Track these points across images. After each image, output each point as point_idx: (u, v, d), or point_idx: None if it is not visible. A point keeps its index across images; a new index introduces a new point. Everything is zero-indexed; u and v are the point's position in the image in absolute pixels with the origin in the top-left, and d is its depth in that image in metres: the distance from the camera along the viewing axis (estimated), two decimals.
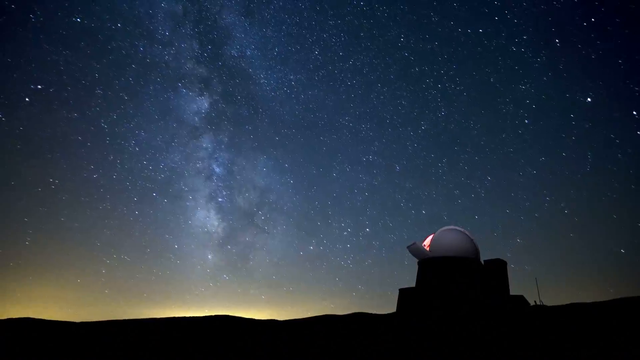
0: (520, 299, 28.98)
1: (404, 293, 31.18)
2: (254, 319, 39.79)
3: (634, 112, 63.09)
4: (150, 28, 72.16)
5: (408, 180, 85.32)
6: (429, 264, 30.42)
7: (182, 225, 76.22)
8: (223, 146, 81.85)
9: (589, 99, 68.42)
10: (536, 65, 74.45)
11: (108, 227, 70.01)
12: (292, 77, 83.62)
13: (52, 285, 65.75)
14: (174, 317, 39.23)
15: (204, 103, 79.99)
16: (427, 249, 31.06)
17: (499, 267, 30.32)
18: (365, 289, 78.31)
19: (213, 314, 40.15)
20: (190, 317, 39.46)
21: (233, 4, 79.06)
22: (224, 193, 79.03)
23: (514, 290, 30.41)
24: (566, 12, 69.69)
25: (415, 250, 31.47)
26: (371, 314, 39.43)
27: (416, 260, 31.97)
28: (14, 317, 36.53)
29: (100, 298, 67.50)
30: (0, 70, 58.85)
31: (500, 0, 73.23)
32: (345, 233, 79.62)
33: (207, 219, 77.80)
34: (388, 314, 36.43)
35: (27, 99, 60.16)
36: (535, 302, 29.82)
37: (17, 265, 60.62)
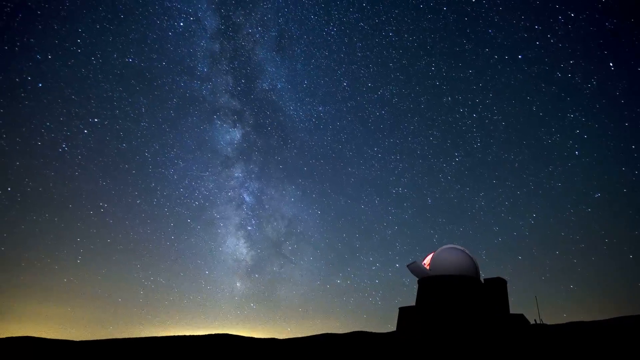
0: (520, 317, 29.04)
1: (404, 312, 31.17)
2: (253, 338, 39.54)
3: None
4: (191, 65, 78.34)
5: (441, 215, 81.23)
6: (429, 283, 30.52)
7: (214, 251, 78.55)
8: (253, 175, 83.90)
9: None
10: (586, 91, 66.81)
11: (147, 250, 74.07)
12: (320, 108, 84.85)
13: (97, 303, 70.50)
14: (174, 336, 38.96)
15: (236, 134, 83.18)
16: (427, 267, 31.21)
17: (498, 286, 30.44)
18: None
19: (214, 332, 39.85)
20: (189, 335, 39.19)
21: (266, 40, 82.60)
22: (253, 222, 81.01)
23: (513, 309, 30.53)
24: (621, 33, 63.58)
25: (415, 268, 31.59)
26: (371, 332, 39.27)
27: (416, 279, 32.08)
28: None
29: (136, 318, 71.00)
30: (67, 107, 66.31)
31: (542, 24, 68.40)
32: (373, 268, 76.72)
33: (237, 246, 79.36)
34: (388, 333, 36.35)
35: (85, 131, 67.94)
36: (535, 320, 29.88)
37: (70, 281, 65.90)
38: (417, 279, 31.96)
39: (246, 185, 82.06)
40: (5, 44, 60.88)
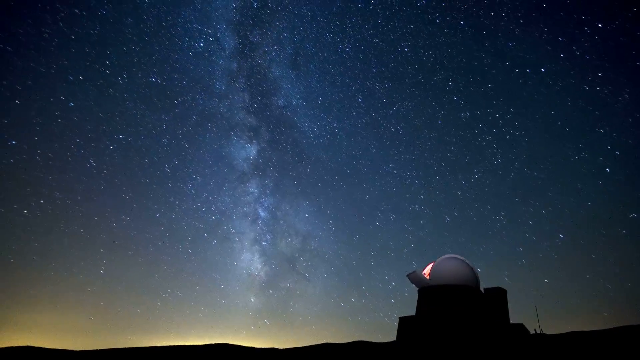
0: (520, 327, 29.09)
1: (404, 321, 31.20)
2: (253, 348, 39.40)
3: None
4: (209, 83, 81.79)
5: (460, 234, 78.71)
6: (429, 293, 30.61)
7: (229, 266, 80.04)
8: (268, 191, 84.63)
9: None
10: (617, 105, 62.26)
11: (166, 262, 76.20)
12: (335, 124, 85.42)
13: (118, 313, 72.99)
14: (172, 345, 38.81)
15: (252, 150, 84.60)
16: (427, 277, 31.32)
17: (498, 296, 30.51)
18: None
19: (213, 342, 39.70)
20: (189, 345, 39.05)
21: (281, 58, 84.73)
22: (268, 237, 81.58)
23: (513, 319, 30.55)
24: None
25: (415, 278, 31.69)
26: (371, 342, 39.18)
27: (416, 289, 32.16)
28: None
29: (154, 329, 72.31)
30: (95, 124, 71.19)
31: (566, 36, 65.68)
32: (389, 287, 74.37)
33: (252, 261, 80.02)
34: (388, 343, 36.28)
35: (111, 147, 72.37)
36: (535, 330, 29.92)
37: (94, 291, 69.20)
38: (417, 288, 32.06)
39: (261, 200, 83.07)
40: (42, 67, 65.84)
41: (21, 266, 65.42)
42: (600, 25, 62.86)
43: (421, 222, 79.98)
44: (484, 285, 30.93)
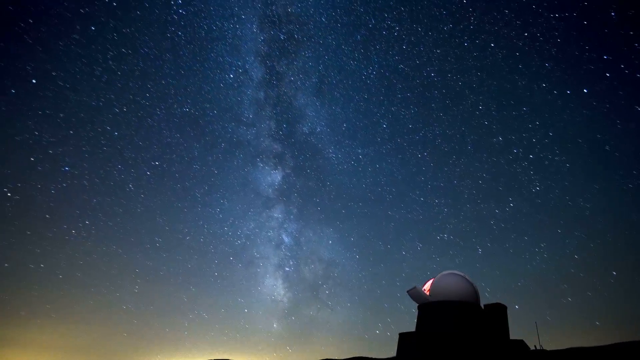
0: (520, 343, 29.13)
1: (403, 337, 31.19)
2: None
3: None
4: (238, 112, 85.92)
5: (495, 266, 73.27)
6: (429, 308, 30.68)
7: (252, 290, 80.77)
8: (292, 217, 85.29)
9: None
10: None
11: (194, 284, 79.27)
12: (359, 150, 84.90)
13: (149, 330, 74.94)
14: None
15: (277, 176, 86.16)
16: (427, 293, 31.42)
17: (498, 312, 30.59)
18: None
19: (213, 358, 39.37)
20: None
21: (307, 86, 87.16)
22: (291, 263, 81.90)
23: (514, 335, 30.59)
24: None
25: (415, 294, 31.78)
26: (371, 358, 39.00)
27: (416, 305, 32.23)
28: None
29: (181, 351, 73.21)
30: (135, 152, 77.14)
31: (612, 54, 59.82)
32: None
33: (275, 287, 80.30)
34: (388, 358, 36.11)
35: (148, 173, 78.02)
36: (535, 346, 29.96)
37: (129, 309, 72.55)
38: (417, 304, 32.13)
39: (285, 226, 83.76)
40: (93, 101, 73.52)
41: (67, 281, 70.01)
42: None
43: (450, 252, 75.31)
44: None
